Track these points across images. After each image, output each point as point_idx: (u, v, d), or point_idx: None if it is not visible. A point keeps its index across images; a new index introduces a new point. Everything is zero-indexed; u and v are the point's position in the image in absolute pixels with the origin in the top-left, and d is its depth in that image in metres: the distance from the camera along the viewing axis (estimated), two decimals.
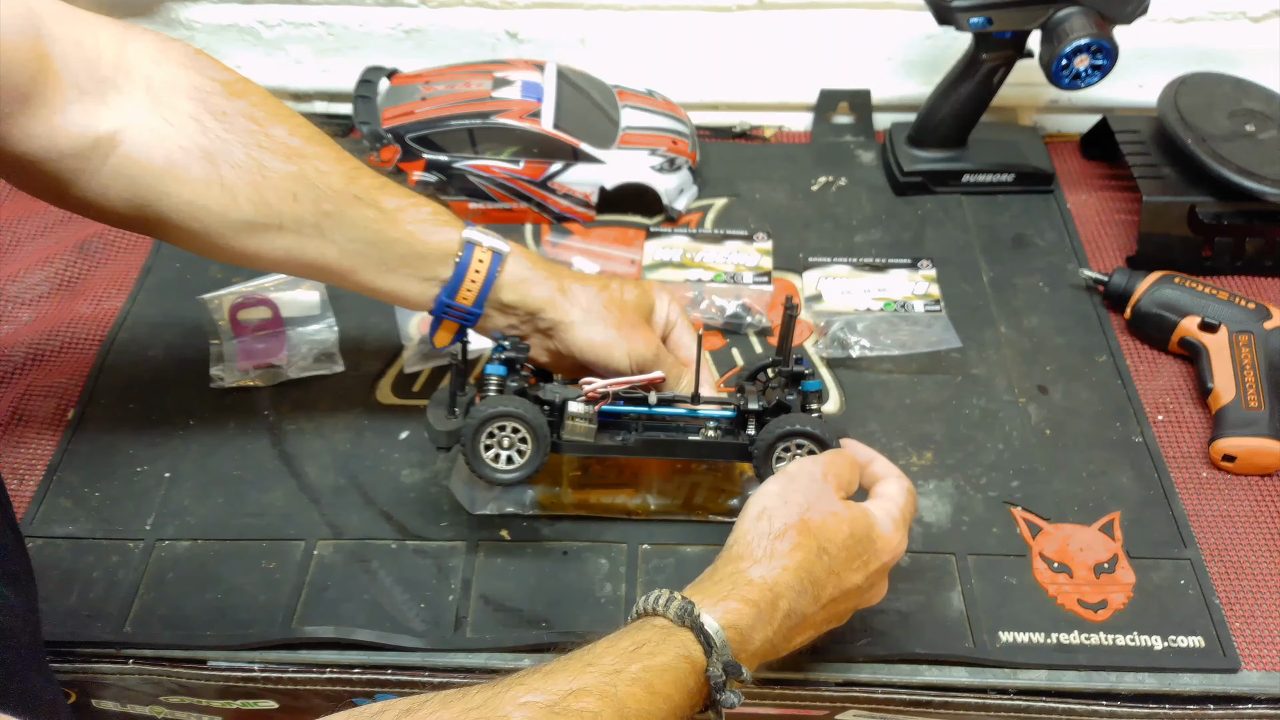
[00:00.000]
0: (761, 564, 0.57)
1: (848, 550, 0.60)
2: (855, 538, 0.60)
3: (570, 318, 0.70)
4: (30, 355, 0.86)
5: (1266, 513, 0.76)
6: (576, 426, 0.70)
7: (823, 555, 0.59)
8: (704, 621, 0.53)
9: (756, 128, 1.10)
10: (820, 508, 0.60)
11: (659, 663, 0.52)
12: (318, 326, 0.87)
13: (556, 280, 0.71)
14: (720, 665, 0.53)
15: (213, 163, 0.63)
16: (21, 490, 0.77)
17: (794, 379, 0.72)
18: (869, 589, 0.62)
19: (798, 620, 0.58)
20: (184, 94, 0.63)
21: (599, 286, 0.72)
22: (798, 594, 0.57)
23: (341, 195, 0.66)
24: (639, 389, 0.70)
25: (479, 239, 0.69)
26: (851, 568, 0.60)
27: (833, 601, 0.59)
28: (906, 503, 0.64)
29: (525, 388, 0.70)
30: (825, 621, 0.61)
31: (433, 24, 1.07)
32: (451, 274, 0.68)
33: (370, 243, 0.67)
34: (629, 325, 0.71)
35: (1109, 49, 0.88)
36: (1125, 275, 0.89)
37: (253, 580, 0.72)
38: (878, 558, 0.61)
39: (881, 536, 0.62)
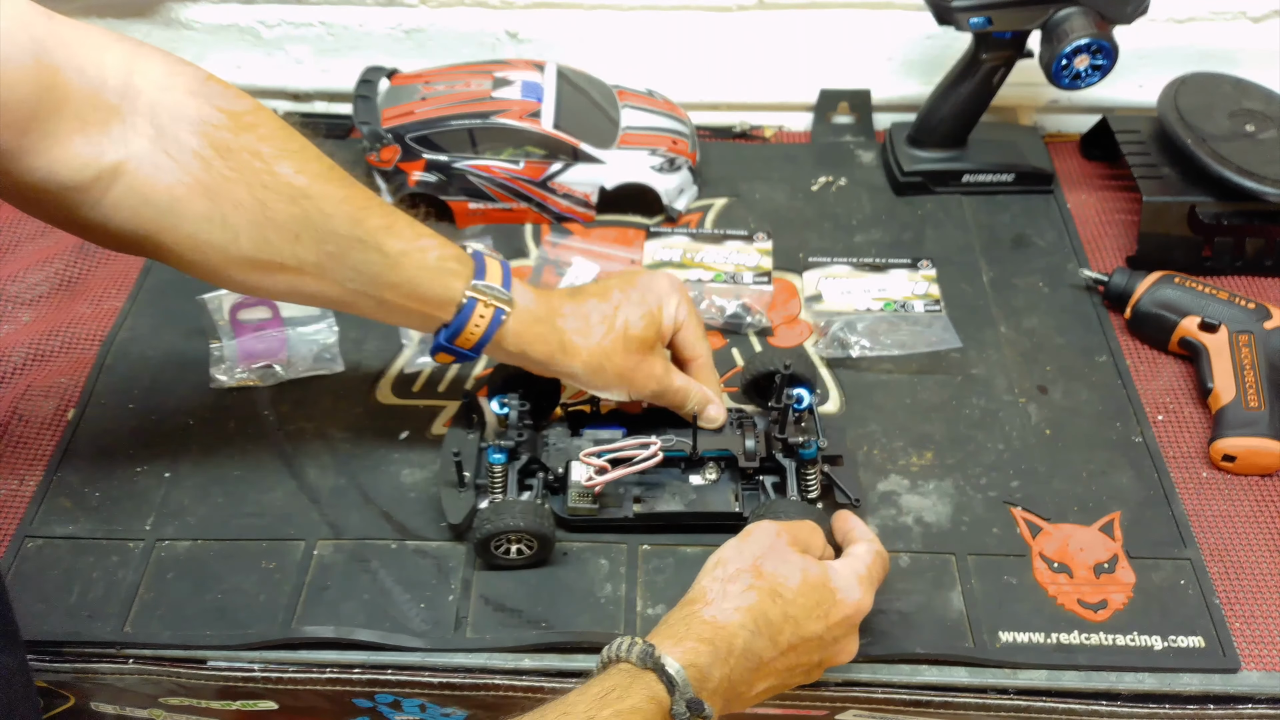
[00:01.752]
0: (714, 605, 0.60)
1: (803, 596, 0.61)
2: (810, 585, 0.61)
3: (573, 371, 0.71)
4: (30, 355, 0.86)
5: (1266, 513, 0.76)
6: (579, 508, 0.73)
7: (776, 599, 0.60)
8: (665, 662, 0.55)
9: (756, 128, 1.10)
10: (774, 557, 0.62)
11: (628, 705, 0.53)
12: (318, 326, 0.87)
13: (557, 338, 0.70)
14: (684, 703, 0.54)
15: (215, 200, 0.62)
16: (21, 490, 0.77)
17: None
18: (832, 642, 0.62)
19: (755, 662, 0.59)
20: (190, 127, 0.62)
21: (604, 327, 0.71)
22: (752, 634, 0.59)
23: (345, 238, 0.65)
24: (638, 456, 0.71)
25: (482, 294, 0.68)
26: (810, 615, 0.61)
27: (792, 649, 0.60)
28: (874, 563, 0.65)
29: (528, 439, 0.73)
30: (788, 671, 0.61)
31: (433, 24, 1.07)
32: (452, 320, 0.68)
33: (372, 284, 0.66)
34: (631, 367, 0.72)
35: (1109, 49, 0.88)
36: (1125, 275, 0.89)
37: (252, 580, 0.72)
38: (838, 609, 0.62)
39: (840, 589, 0.62)
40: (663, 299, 0.74)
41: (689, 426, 0.74)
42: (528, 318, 0.69)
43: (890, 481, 0.78)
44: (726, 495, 0.74)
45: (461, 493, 0.72)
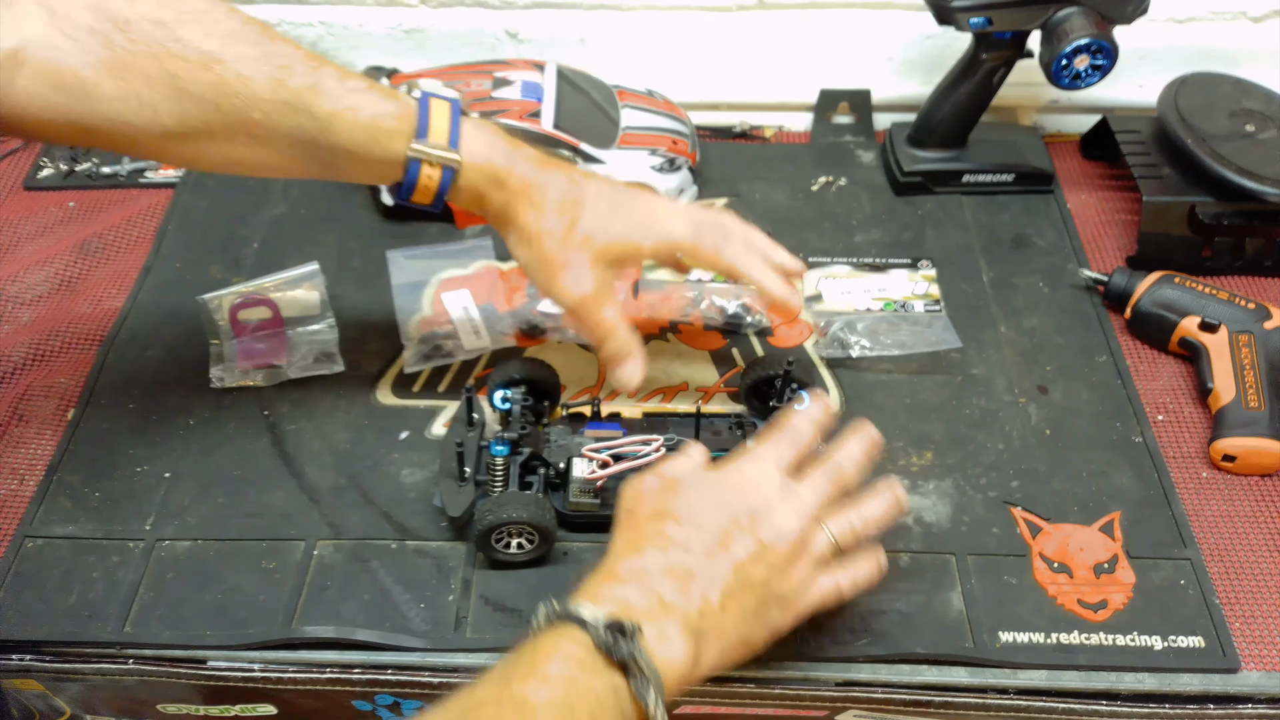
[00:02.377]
0: (607, 556, 0.59)
1: (689, 501, 0.59)
2: (696, 488, 0.60)
3: (510, 237, 0.68)
4: (30, 355, 0.86)
5: (1266, 513, 0.76)
6: (581, 503, 0.72)
7: (661, 517, 0.59)
8: (569, 609, 0.53)
9: (756, 128, 1.10)
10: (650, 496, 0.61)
11: (541, 652, 0.51)
12: (318, 326, 0.87)
13: (503, 198, 0.66)
14: (601, 630, 0.52)
15: (124, 78, 0.59)
16: (21, 490, 0.77)
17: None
18: (754, 520, 0.59)
19: (674, 569, 0.56)
20: (81, 3, 0.58)
21: (559, 203, 0.67)
22: (651, 551, 0.57)
23: (268, 102, 0.61)
24: (640, 452, 0.71)
25: (425, 152, 0.64)
26: (703, 511, 0.59)
27: (700, 543, 0.57)
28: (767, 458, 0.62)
29: (530, 433, 0.73)
30: (716, 562, 0.57)
31: (433, 24, 1.07)
32: (403, 179, 0.65)
33: (309, 148, 0.63)
34: (559, 263, 0.68)
35: (1109, 49, 0.88)
36: (1125, 275, 0.89)
37: (252, 580, 0.72)
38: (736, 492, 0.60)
39: (732, 473, 0.60)
40: (643, 231, 0.70)
41: (691, 427, 0.74)
42: (478, 176, 0.66)
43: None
44: None
45: (461, 487, 0.72)
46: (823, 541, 0.61)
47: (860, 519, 0.62)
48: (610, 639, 0.51)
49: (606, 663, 0.51)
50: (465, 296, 0.90)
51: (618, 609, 0.54)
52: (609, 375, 0.71)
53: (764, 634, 0.59)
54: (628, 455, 0.71)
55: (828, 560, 0.61)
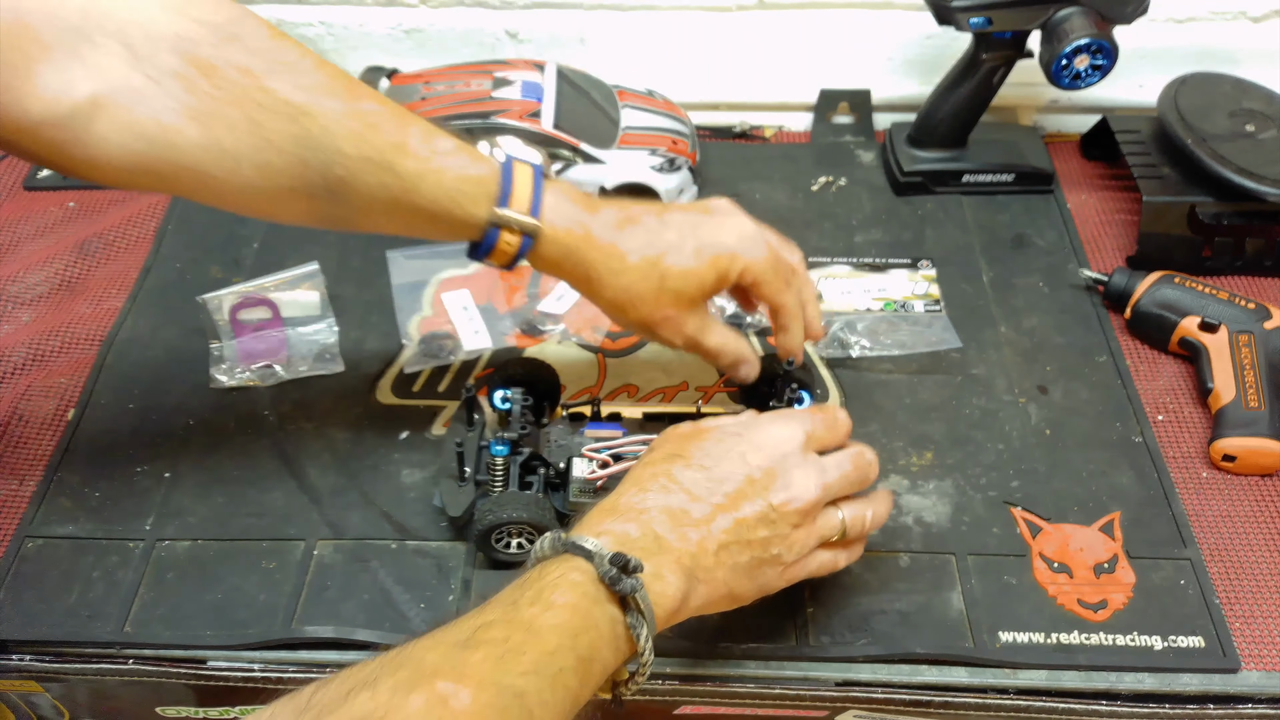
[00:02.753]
0: (617, 491, 0.60)
1: (706, 450, 0.60)
2: (716, 439, 0.60)
3: (599, 303, 0.69)
4: (30, 355, 0.86)
5: (1266, 513, 0.76)
6: (581, 503, 0.72)
7: (676, 459, 0.59)
8: (575, 540, 0.54)
9: (756, 128, 1.10)
10: (671, 440, 0.62)
11: (549, 580, 0.52)
12: (318, 326, 0.87)
13: (584, 271, 0.66)
14: (606, 562, 0.52)
15: (206, 125, 0.57)
16: (21, 490, 0.77)
17: None
18: (770, 478, 0.59)
19: (676, 511, 0.57)
20: (167, 46, 0.56)
21: (639, 271, 0.66)
22: (657, 492, 0.58)
23: (353, 159, 0.60)
24: (640, 451, 0.71)
25: (507, 218, 0.63)
26: (719, 461, 0.59)
27: (711, 492, 0.58)
28: (821, 425, 0.63)
29: (530, 433, 0.73)
30: (721, 512, 0.57)
31: (433, 24, 1.07)
32: (481, 242, 0.64)
33: (391, 207, 0.62)
34: (658, 320, 0.68)
35: (1109, 49, 0.88)
36: (1125, 275, 0.89)
37: (253, 580, 0.72)
38: (757, 449, 0.60)
39: (758, 431, 0.61)
40: (729, 255, 0.68)
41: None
42: (557, 246, 0.65)
43: (890, 482, 0.78)
44: None
45: (461, 487, 0.72)
46: (833, 521, 0.62)
47: (872, 512, 0.64)
48: (615, 573, 0.52)
49: (608, 595, 0.52)
50: (465, 296, 0.90)
51: (617, 541, 0.54)
52: (732, 377, 0.73)
53: (754, 590, 0.60)
54: (628, 455, 0.71)
55: (831, 539, 0.62)
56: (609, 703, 0.56)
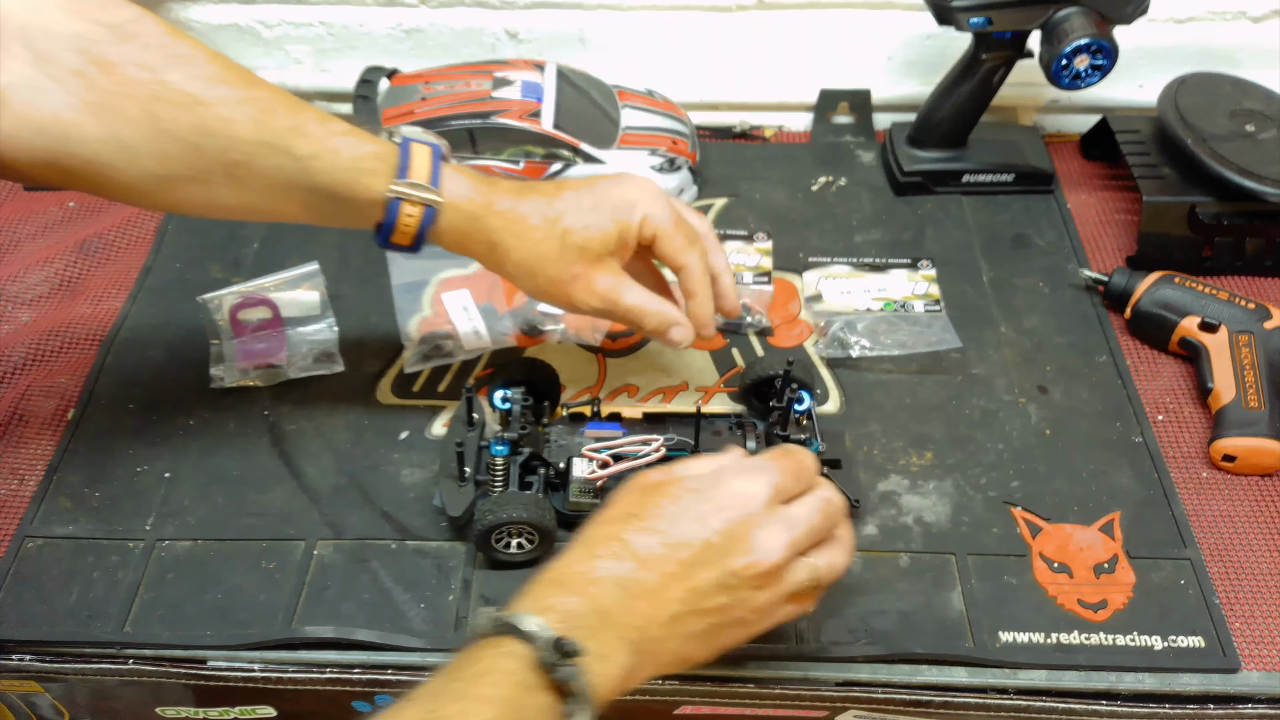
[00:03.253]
0: (564, 555, 0.57)
1: (663, 509, 0.56)
2: (673, 496, 0.57)
3: (505, 272, 0.69)
4: (30, 355, 0.86)
5: (1266, 513, 0.76)
6: (581, 503, 0.72)
7: (630, 519, 0.57)
8: (512, 619, 0.51)
9: (756, 128, 1.10)
10: (628, 496, 0.59)
11: (477, 670, 0.50)
12: (318, 326, 0.87)
13: (487, 236, 0.67)
14: (549, 648, 0.50)
15: (105, 120, 0.59)
16: (21, 490, 0.77)
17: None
18: (729, 544, 0.56)
19: (627, 583, 0.54)
20: (67, 45, 0.58)
21: (542, 231, 0.67)
22: (608, 559, 0.55)
23: (249, 144, 0.62)
24: (640, 452, 0.72)
25: (405, 193, 0.64)
26: (675, 523, 0.56)
27: (665, 559, 0.55)
28: (787, 476, 0.59)
29: (530, 433, 0.73)
30: (674, 581, 0.55)
31: (433, 24, 1.07)
32: (382, 220, 0.65)
33: (288, 190, 0.64)
34: (568, 279, 0.67)
35: (1109, 49, 0.88)
36: (1125, 275, 0.89)
37: (253, 580, 0.72)
38: (718, 509, 0.56)
39: (720, 486, 0.57)
40: (629, 208, 0.68)
41: (691, 427, 0.74)
42: (459, 215, 0.66)
43: (890, 481, 0.78)
44: None
45: (461, 487, 0.72)
46: (803, 574, 0.58)
47: (843, 556, 0.61)
48: (553, 659, 0.49)
49: (544, 683, 0.50)
50: (465, 296, 0.90)
51: (561, 620, 0.51)
52: (665, 341, 0.71)
53: (708, 655, 0.58)
54: (628, 455, 0.71)
55: (800, 592, 0.59)
56: None
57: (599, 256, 0.68)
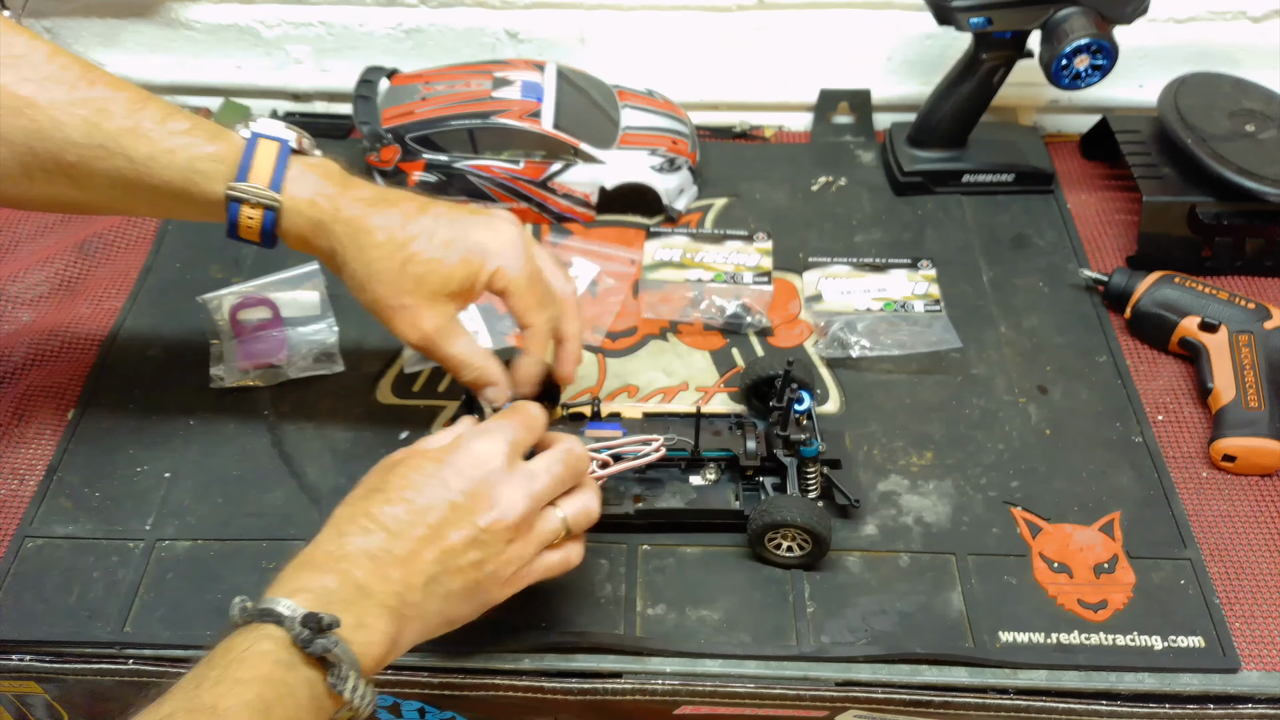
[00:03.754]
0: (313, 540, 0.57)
1: (407, 478, 0.58)
2: (417, 467, 0.58)
3: (343, 277, 0.67)
4: (30, 355, 0.86)
5: (1266, 513, 0.76)
6: None
7: (374, 494, 0.58)
8: (262, 605, 0.52)
9: (756, 128, 1.10)
10: (374, 473, 0.61)
11: (234, 655, 0.50)
12: (318, 326, 0.87)
13: (328, 244, 0.65)
14: (297, 625, 0.50)
15: None
16: (21, 490, 0.77)
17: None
18: (473, 501, 0.57)
19: (377, 553, 0.55)
20: None
21: (385, 250, 0.64)
22: (355, 533, 0.55)
23: (84, 147, 0.61)
24: (640, 452, 0.72)
25: (245, 194, 0.64)
26: (419, 489, 0.57)
27: (412, 525, 0.56)
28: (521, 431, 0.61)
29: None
30: (425, 544, 0.56)
31: (433, 24, 1.07)
32: (226, 218, 0.65)
33: (131, 188, 0.63)
34: (393, 306, 0.65)
35: (1109, 49, 0.88)
36: (1125, 275, 0.89)
37: (253, 580, 0.72)
38: (457, 470, 0.58)
39: (460, 451, 0.59)
40: (482, 254, 0.66)
41: (691, 427, 0.74)
42: (299, 218, 0.65)
43: (890, 481, 0.78)
44: (726, 495, 0.74)
45: None
46: (553, 524, 0.61)
47: (595, 502, 0.63)
48: (307, 634, 0.50)
49: (304, 658, 0.50)
50: None
51: (314, 598, 0.52)
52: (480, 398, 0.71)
53: (474, 611, 0.60)
54: (628, 455, 0.71)
55: (557, 541, 0.61)
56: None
57: (434, 294, 0.66)
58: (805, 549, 0.71)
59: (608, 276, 0.93)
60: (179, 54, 1.09)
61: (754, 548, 0.72)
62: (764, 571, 0.73)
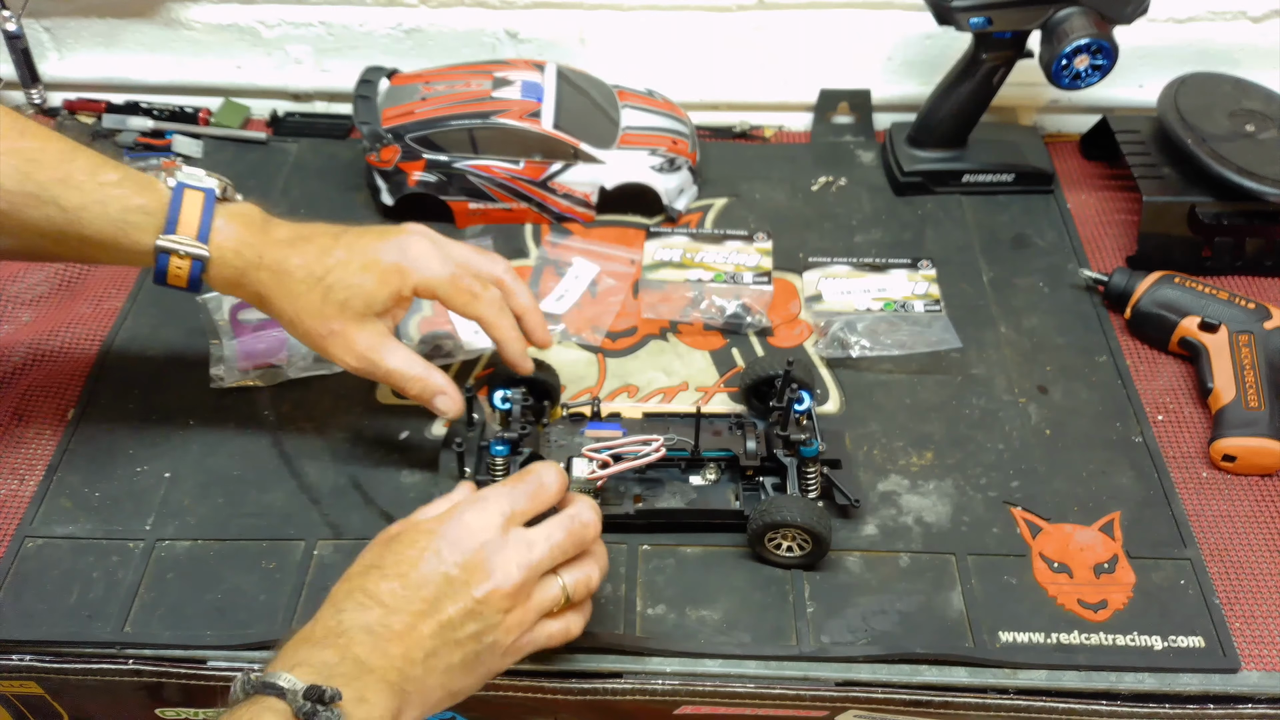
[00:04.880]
0: (315, 616, 0.57)
1: (401, 554, 0.58)
2: (409, 542, 0.58)
3: (275, 318, 0.70)
4: (30, 355, 0.86)
5: (1266, 513, 0.76)
6: None
7: (371, 570, 0.58)
8: (265, 679, 0.52)
9: (756, 128, 1.10)
10: (371, 550, 0.60)
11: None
12: None
13: (254, 288, 0.68)
14: (299, 698, 0.50)
15: None
16: (21, 490, 0.77)
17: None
18: (470, 573, 0.57)
19: (376, 628, 0.55)
20: None
21: (306, 284, 0.68)
22: (352, 609, 0.56)
23: (14, 193, 0.62)
24: (640, 452, 0.72)
25: (174, 246, 0.65)
26: (414, 564, 0.57)
27: (409, 601, 0.56)
28: (525, 500, 0.61)
29: (530, 433, 0.73)
30: (422, 618, 0.56)
31: (433, 24, 1.07)
32: (155, 266, 0.66)
33: (59, 237, 0.64)
34: (325, 333, 0.69)
35: (1109, 49, 0.88)
36: (1125, 275, 0.89)
37: (253, 580, 0.72)
38: (451, 543, 0.58)
39: (450, 523, 0.59)
40: (399, 273, 0.69)
41: (691, 427, 0.74)
42: (226, 267, 0.67)
43: (890, 481, 0.78)
44: (726, 495, 0.74)
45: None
46: (552, 592, 0.61)
47: (598, 569, 0.63)
48: (310, 707, 0.50)
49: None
50: None
51: (314, 672, 0.52)
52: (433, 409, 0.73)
53: (476, 681, 0.59)
54: (627, 455, 0.71)
55: (557, 609, 0.61)
56: None
57: (361, 315, 0.69)
58: (805, 549, 0.71)
59: (608, 276, 0.93)
60: (179, 54, 1.09)
61: (754, 548, 0.72)
62: (764, 571, 0.73)
